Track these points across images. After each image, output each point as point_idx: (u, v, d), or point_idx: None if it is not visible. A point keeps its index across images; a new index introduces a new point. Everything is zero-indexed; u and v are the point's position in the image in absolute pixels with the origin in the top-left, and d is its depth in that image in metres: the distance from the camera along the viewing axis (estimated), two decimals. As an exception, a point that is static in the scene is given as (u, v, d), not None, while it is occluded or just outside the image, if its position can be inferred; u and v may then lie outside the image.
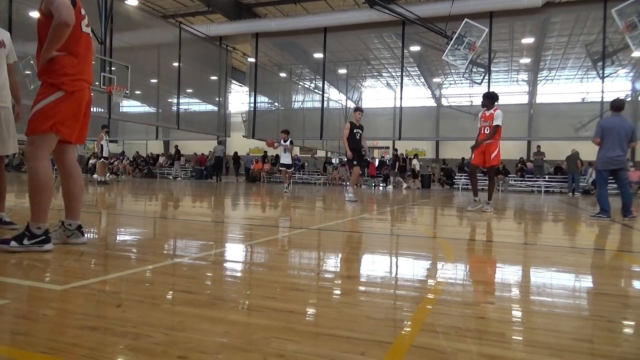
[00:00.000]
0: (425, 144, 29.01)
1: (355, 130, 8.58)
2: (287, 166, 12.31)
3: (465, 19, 15.25)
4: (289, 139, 12.09)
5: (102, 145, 13.83)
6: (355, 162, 8.49)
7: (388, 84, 27.52)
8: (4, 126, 3.52)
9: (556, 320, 1.75)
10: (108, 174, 14.31)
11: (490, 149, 6.94)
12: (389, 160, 22.47)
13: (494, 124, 6.87)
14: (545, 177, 20.10)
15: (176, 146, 27.19)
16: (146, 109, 22.37)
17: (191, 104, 22.82)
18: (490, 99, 7.09)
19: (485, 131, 6.99)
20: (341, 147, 29.10)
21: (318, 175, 23.60)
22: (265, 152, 25.29)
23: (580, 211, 8.52)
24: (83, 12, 2.89)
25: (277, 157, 17.99)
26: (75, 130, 2.86)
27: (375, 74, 26.18)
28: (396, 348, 1.40)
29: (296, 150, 30.91)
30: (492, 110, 6.99)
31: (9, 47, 3.65)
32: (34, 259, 2.51)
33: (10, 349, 1.31)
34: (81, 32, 2.85)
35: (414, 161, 21.50)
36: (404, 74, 19.64)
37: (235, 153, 24.85)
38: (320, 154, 26.50)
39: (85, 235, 3.02)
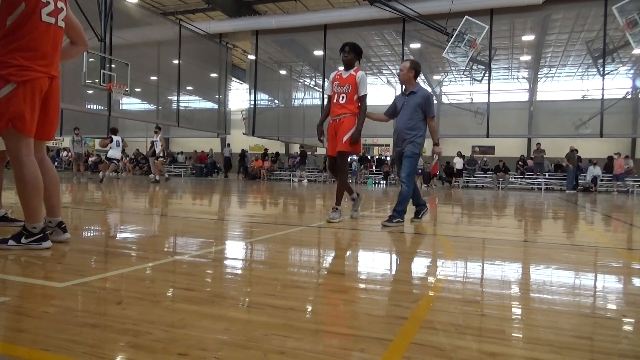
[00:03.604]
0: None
1: None
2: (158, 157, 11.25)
3: (466, 16, 15.24)
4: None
5: (154, 145, 13.82)
6: None
7: (388, 82, 27.48)
8: None
9: (556, 317, 1.75)
10: (109, 172, 14.26)
11: (344, 126, 4.60)
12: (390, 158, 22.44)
13: (360, 93, 4.66)
14: (545, 175, 20.10)
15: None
16: (146, 106, 22.32)
17: (191, 102, 22.79)
18: (355, 53, 4.74)
19: (341, 100, 4.66)
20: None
21: (318, 172, 23.58)
22: (266, 149, 25.25)
23: (580, 208, 8.52)
24: None
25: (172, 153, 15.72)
26: (34, 124, 2.61)
27: (375, 71, 26.13)
28: (396, 345, 1.40)
29: (296, 148, 30.91)
30: (352, 71, 4.70)
31: None
32: (33, 256, 2.51)
33: (11, 346, 1.31)
34: (39, 22, 2.57)
35: (456, 159, 21.10)
36: (404, 71, 19.57)
37: (231, 152, 24.69)
38: (321, 151, 26.47)
39: (68, 232, 2.91)
